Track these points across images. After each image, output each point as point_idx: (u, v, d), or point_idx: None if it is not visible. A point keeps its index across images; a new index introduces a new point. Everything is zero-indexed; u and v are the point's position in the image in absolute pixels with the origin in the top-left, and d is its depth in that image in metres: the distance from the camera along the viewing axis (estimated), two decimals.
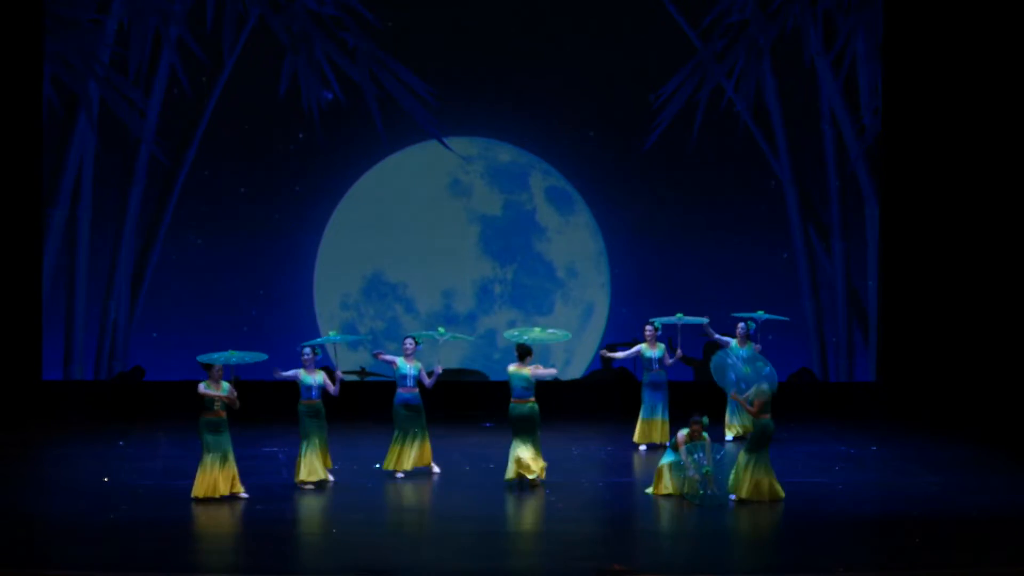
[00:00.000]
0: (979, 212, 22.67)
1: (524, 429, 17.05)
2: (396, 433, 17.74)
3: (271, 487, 17.01)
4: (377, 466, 17.93)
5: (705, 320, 20.19)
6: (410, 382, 17.76)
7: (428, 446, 17.83)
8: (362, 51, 22.30)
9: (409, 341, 17.94)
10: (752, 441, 16.38)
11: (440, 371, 17.94)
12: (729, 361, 16.76)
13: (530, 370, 17.16)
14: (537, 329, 18.02)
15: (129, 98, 22.09)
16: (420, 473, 17.73)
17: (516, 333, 17.70)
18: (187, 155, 22.25)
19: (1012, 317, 22.58)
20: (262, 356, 17.18)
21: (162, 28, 22.07)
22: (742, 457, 16.37)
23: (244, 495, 16.45)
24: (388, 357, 17.91)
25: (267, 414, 20.17)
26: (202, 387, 16.43)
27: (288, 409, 17.73)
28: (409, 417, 17.67)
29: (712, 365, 16.81)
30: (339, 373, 17.71)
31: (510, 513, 16.12)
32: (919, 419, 21.80)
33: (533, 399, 17.15)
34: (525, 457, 17.01)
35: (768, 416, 16.28)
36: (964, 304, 22.67)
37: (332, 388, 17.37)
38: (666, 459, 16.61)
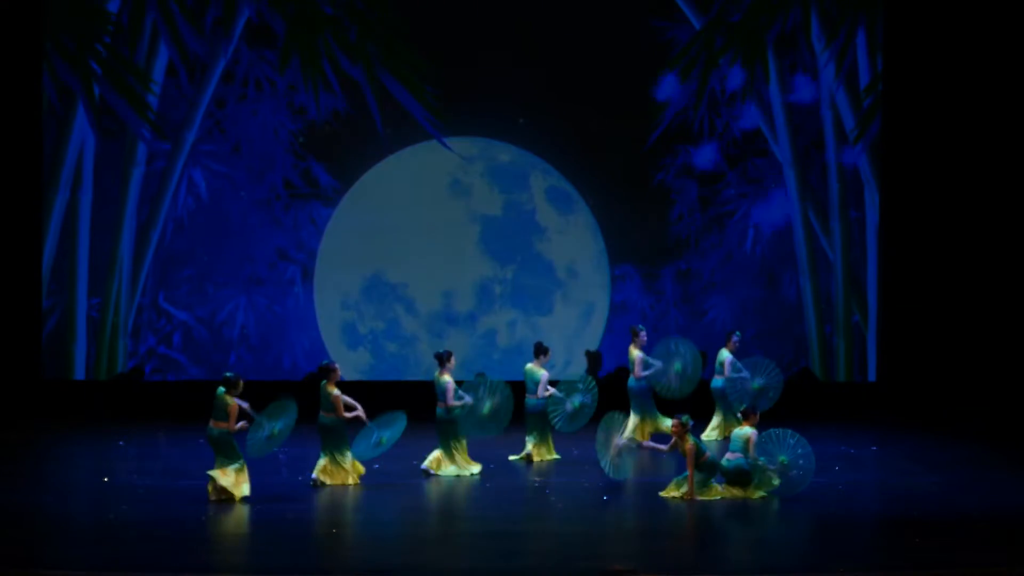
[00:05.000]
0: (980, 211, 22.65)
1: (542, 421, 18.67)
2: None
3: (271, 487, 16.99)
4: (376, 466, 17.93)
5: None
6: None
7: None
8: (362, 51, 22.29)
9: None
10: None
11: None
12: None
13: (542, 373, 18.65)
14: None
15: (130, 82, 22.07)
16: (420, 474, 17.74)
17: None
18: (184, 150, 22.26)
19: (1013, 316, 22.56)
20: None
21: (160, 22, 22.05)
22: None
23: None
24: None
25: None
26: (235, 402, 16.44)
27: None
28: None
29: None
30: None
31: (510, 513, 16.12)
32: (919, 419, 21.79)
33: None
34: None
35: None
36: (965, 303, 22.67)
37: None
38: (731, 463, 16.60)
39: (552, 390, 18.69)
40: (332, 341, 22.04)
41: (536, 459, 18.74)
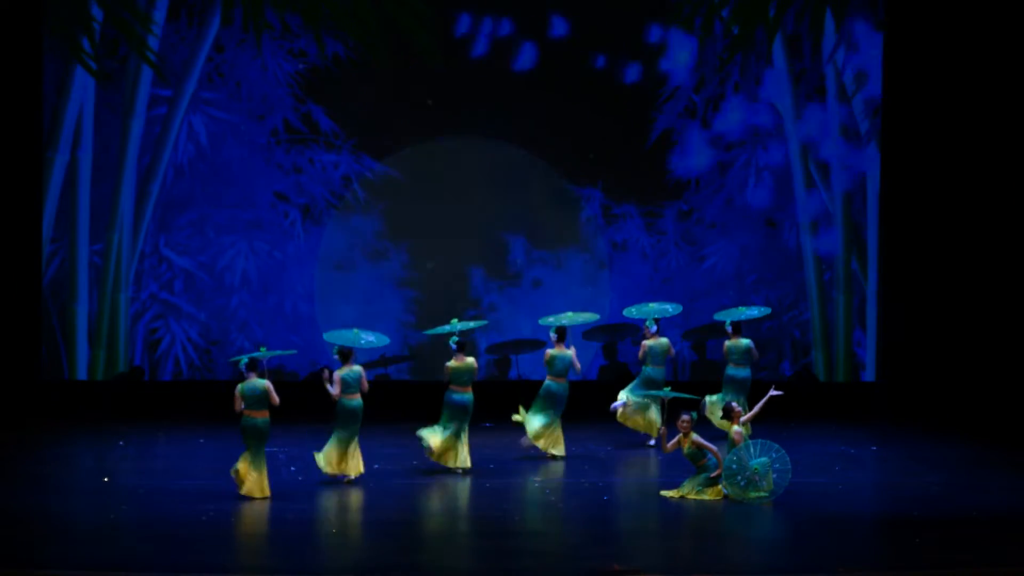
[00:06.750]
0: (982, 209, 22.59)
1: (561, 405, 18.68)
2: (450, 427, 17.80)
3: (271, 487, 16.96)
4: (376, 466, 17.93)
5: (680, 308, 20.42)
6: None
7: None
8: (362, 51, 22.28)
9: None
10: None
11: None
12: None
13: (572, 353, 18.74)
14: (569, 313, 19.38)
15: (131, 26, 22.02)
16: (420, 473, 17.74)
17: (551, 320, 19.11)
18: (184, 95, 22.21)
19: (1013, 316, 22.53)
20: (291, 351, 18.15)
21: None
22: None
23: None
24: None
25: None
26: (238, 388, 16.46)
27: (285, 407, 17.67)
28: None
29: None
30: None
31: (510, 513, 16.12)
32: (920, 419, 21.79)
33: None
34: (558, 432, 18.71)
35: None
36: (965, 303, 22.64)
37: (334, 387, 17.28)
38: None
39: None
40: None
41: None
